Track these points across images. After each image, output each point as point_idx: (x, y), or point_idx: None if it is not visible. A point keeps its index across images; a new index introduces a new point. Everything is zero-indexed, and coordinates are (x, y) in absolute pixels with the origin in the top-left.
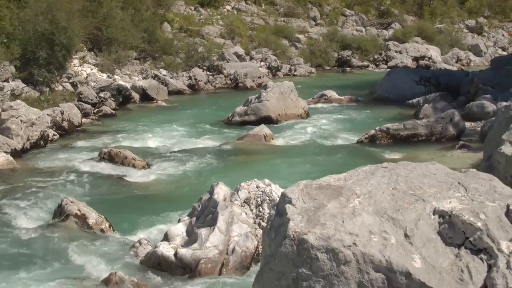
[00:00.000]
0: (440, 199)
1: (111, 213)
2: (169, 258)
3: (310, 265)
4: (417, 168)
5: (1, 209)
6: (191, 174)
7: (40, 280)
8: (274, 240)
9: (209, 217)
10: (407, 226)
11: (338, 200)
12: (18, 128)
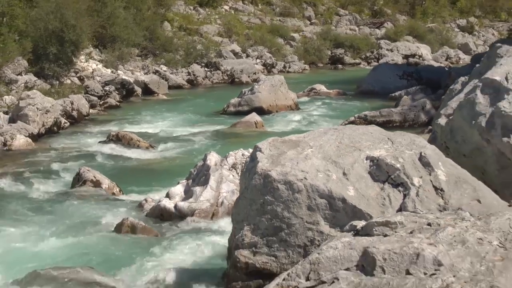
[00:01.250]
0: (372, 149)
1: (120, 181)
2: (170, 209)
3: (273, 193)
4: (359, 129)
5: (26, 179)
6: (189, 152)
7: (62, 231)
8: (248, 177)
9: (203, 178)
10: (345, 167)
11: (296, 149)
12: (35, 114)
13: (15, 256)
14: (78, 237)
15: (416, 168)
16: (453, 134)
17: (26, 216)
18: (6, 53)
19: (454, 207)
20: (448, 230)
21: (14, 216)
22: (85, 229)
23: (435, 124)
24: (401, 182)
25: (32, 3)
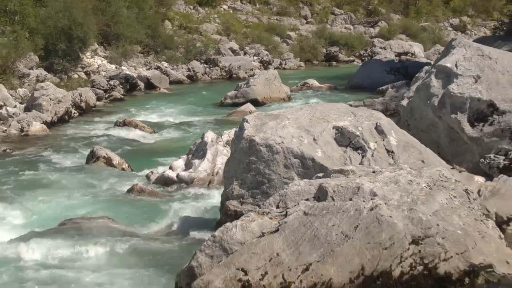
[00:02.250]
0: (338, 120)
1: (128, 159)
2: (173, 178)
3: (256, 154)
4: (329, 106)
5: (45, 157)
6: (188, 135)
7: (82, 193)
8: (236, 142)
9: (201, 152)
10: (315, 134)
11: (276, 121)
12: (48, 104)
13: (46, 212)
14: (96, 197)
15: (372, 135)
16: (413, 113)
17: (51, 184)
18: (19, 49)
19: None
20: (385, 173)
21: (40, 183)
22: (101, 192)
23: (399, 105)
24: (360, 146)
25: (42, 2)
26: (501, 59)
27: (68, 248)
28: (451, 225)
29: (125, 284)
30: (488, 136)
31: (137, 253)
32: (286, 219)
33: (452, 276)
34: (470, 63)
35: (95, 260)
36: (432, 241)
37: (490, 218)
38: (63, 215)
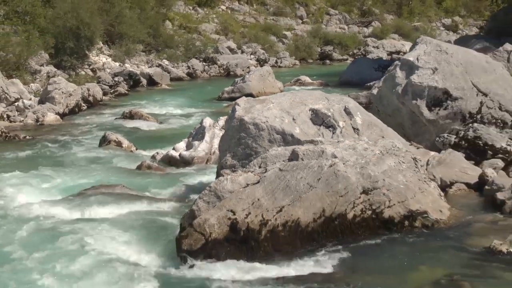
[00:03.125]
0: (313, 104)
1: (136, 143)
2: (176, 157)
3: (245, 131)
4: (307, 92)
5: (61, 142)
6: (188, 124)
7: (98, 169)
8: (229, 121)
9: (200, 135)
10: (294, 115)
11: (262, 104)
12: (60, 97)
13: (70, 182)
14: (111, 171)
15: (342, 115)
16: (381, 100)
17: (71, 161)
18: (31, 47)
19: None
20: (346, 142)
21: (61, 161)
22: (114, 168)
23: (371, 94)
24: (331, 125)
25: (50, 4)
26: (456, 54)
27: (92, 207)
28: (395, 181)
29: (138, 233)
30: (443, 118)
31: (147, 211)
32: (265, 174)
33: (395, 219)
34: (429, 57)
35: (115, 216)
36: (378, 192)
37: (435, 181)
38: (85, 184)
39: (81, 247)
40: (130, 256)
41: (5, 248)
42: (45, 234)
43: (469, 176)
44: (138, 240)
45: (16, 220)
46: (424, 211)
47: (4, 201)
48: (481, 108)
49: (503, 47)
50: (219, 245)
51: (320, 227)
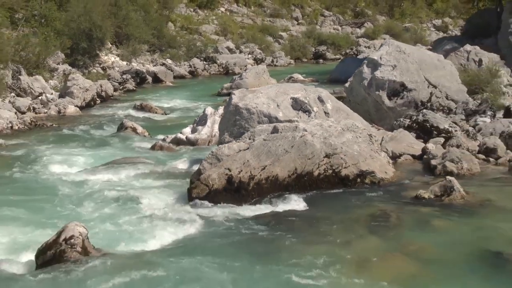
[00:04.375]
0: (294, 93)
1: (148, 129)
2: (183, 139)
3: (240, 114)
4: (290, 85)
5: (83, 129)
6: (191, 115)
7: (117, 148)
8: (227, 107)
9: (203, 121)
10: (278, 102)
11: (253, 94)
12: (78, 92)
13: (97, 157)
14: (130, 150)
15: (316, 102)
16: (352, 91)
17: (95, 143)
18: (49, 48)
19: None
20: (315, 121)
21: (87, 142)
22: (132, 147)
23: (344, 87)
24: (307, 110)
25: (64, 7)
26: (412, 53)
27: (121, 171)
28: (351, 149)
29: (159, 187)
30: (400, 106)
31: (164, 174)
32: (253, 143)
33: (349, 177)
34: (390, 56)
35: (139, 177)
36: (337, 156)
37: (387, 153)
38: (110, 158)
39: (118, 197)
40: (155, 202)
41: (67, 200)
42: (91, 190)
43: (414, 149)
44: (159, 191)
45: (67, 183)
46: (372, 171)
47: (52, 171)
48: (431, 98)
49: (463, 48)
50: (219, 193)
51: (293, 181)
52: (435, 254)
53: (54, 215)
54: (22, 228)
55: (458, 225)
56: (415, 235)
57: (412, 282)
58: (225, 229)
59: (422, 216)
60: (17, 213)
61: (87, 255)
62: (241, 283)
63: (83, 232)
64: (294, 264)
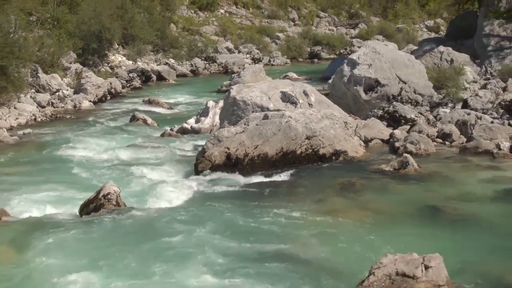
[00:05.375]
0: (283, 88)
1: (156, 121)
2: (188, 128)
3: (237, 105)
4: (280, 81)
5: (98, 120)
6: (194, 109)
7: (132, 137)
8: (226, 99)
9: (205, 113)
10: (270, 95)
11: (248, 88)
12: (91, 88)
13: (113, 142)
14: (142, 137)
15: (301, 95)
16: (334, 87)
17: (111, 132)
18: (62, 48)
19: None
20: (299, 110)
21: (103, 131)
22: (144, 136)
23: (328, 83)
24: (294, 101)
25: (74, 11)
26: (386, 54)
27: (138, 152)
28: (328, 133)
29: (170, 163)
30: (374, 99)
31: (174, 154)
32: (248, 127)
33: (326, 155)
34: (366, 57)
35: (153, 156)
36: (316, 138)
37: (360, 137)
38: (127, 143)
39: (138, 170)
40: (168, 174)
41: (95, 172)
42: (115, 165)
43: (383, 134)
44: (171, 167)
45: (94, 160)
46: (345, 151)
47: (79, 153)
48: (401, 92)
49: (437, 49)
50: (219, 167)
51: (280, 158)
52: (387, 208)
53: (87, 182)
54: (64, 191)
55: (408, 189)
56: (373, 196)
57: (367, 225)
58: (224, 192)
59: (381, 184)
60: (58, 181)
61: (119, 208)
62: (235, 224)
63: (116, 190)
64: (277, 214)
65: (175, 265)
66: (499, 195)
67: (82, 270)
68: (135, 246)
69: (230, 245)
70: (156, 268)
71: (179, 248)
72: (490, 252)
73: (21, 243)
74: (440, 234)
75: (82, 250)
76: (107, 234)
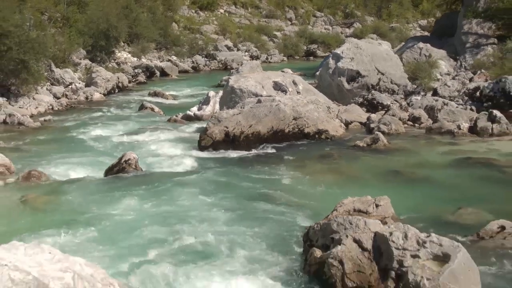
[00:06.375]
0: (275, 78)
1: (162, 110)
2: (191, 115)
3: (234, 93)
4: (272, 72)
5: (111, 110)
6: (196, 100)
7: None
8: (225, 88)
9: (207, 102)
10: (263, 84)
11: (245, 78)
12: (101, 82)
13: (128, 127)
14: (151, 123)
15: (291, 84)
16: (321, 78)
17: (121, 119)
18: (73, 45)
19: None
20: (288, 96)
21: (115, 118)
22: (153, 121)
23: (316, 75)
24: (284, 90)
25: (83, 10)
26: (366, 49)
27: (147, 134)
28: (312, 115)
29: (177, 141)
30: (356, 88)
31: (179, 135)
32: (243, 109)
33: (310, 133)
34: (349, 51)
35: (161, 137)
36: (302, 119)
37: (341, 120)
38: (137, 127)
39: (150, 147)
40: (175, 150)
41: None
42: (130, 142)
43: (362, 118)
44: (177, 144)
45: (111, 140)
46: (327, 130)
47: (97, 134)
48: (379, 82)
49: (417, 45)
50: (219, 143)
51: (270, 136)
52: (356, 172)
53: (107, 154)
54: (89, 160)
55: (376, 159)
56: (347, 164)
57: (339, 182)
58: (222, 162)
59: (354, 155)
60: (82, 153)
61: (137, 171)
62: (232, 182)
63: (135, 157)
64: (266, 175)
65: (182, 210)
66: (452, 163)
67: (108, 212)
68: (150, 197)
69: (228, 196)
70: (166, 213)
71: (185, 199)
72: (432, 200)
73: (59, 195)
74: (396, 189)
75: (109, 199)
76: (128, 189)
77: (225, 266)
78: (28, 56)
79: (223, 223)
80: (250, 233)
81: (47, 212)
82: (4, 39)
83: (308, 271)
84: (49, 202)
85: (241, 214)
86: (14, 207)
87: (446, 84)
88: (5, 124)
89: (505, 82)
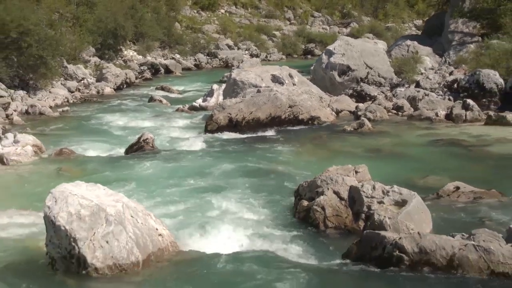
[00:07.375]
0: (273, 71)
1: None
2: (197, 106)
3: (237, 85)
4: (270, 66)
5: (122, 103)
6: (200, 94)
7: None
8: (228, 80)
9: (211, 94)
10: (262, 77)
11: (246, 71)
12: (111, 77)
13: (138, 116)
14: (160, 113)
15: (287, 77)
16: (315, 72)
17: (133, 110)
18: (83, 43)
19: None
20: (284, 87)
21: (127, 109)
22: (162, 112)
23: (311, 70)
24: (281, 82)
25: (91, 10)
26: (356, 45)
27: (158, 121)
28: (306, 103)
29: (185, 125)
30: (346, 81)
31: (187, 122)
32: (245, 98)
33: (304, 119)
34: (341, 47)
35: (171, 124)
36: (297, 107)
37: (332, 109)
38: (148, 116)
39: (161, 131)
40: (184, 133)
41: (129, 131)
42: (143, 127)
43: (351, 107)
44: (186, 129)
45: (126, 126)
46: (319, 117)
47: (111, 121)
48: (368, 76)
49: (405, 43)
50: (223, 128)
51: (269, 122)
52: (342, 150)
53: (123, 137)
54: (110, 141)
55: (361, 140)
56: (334, 144)
57: (327, 157)
58: (226, 143)
59: (342, 137)
60: (102, 136)
61: (154, 149)
62: (235, 158)
63: (152, 137)
64: (264, 152)
65: (195, 179)
66: (426, 143)
67: (133, 178)
68: (167, 168)
69: (233, 166)
70: (181, 180)
71: (196, 172)
72: (405, 170)
73: (89, 167)
74: (375, 162)
75: (132, 170)
76: (148, 162)
77: (234, 214)
78: (46, 53)
79: (230, 185)
80: (253, 192)
81: (82, 179)
82: (25, 36)
83: (298, 217)
84: (82, 171)
85: (245, 180)
86: (53, 175)
87: (428, 77)
88: (27, 114)
89: (479, 74)
